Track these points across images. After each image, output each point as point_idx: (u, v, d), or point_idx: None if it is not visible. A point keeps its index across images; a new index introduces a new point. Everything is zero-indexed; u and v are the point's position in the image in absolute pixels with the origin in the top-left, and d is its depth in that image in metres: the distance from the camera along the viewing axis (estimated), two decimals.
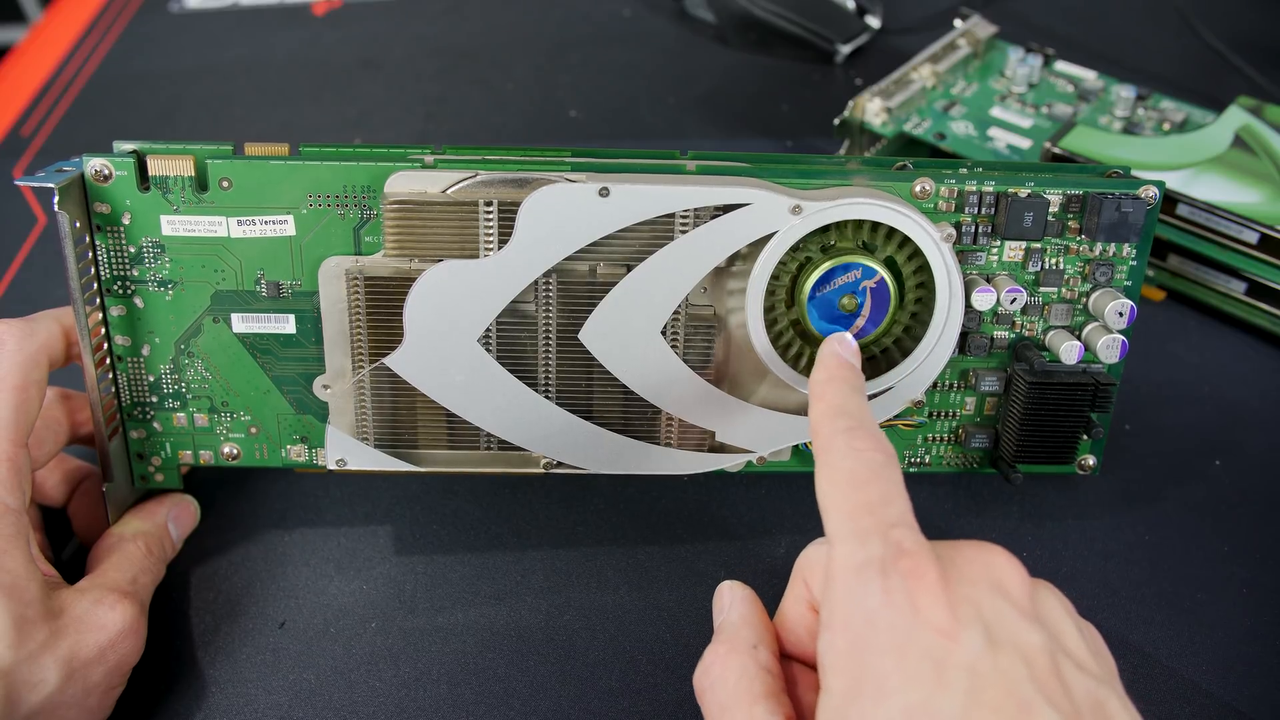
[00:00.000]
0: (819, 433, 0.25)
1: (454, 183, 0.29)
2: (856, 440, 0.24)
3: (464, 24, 0.64)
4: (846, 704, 0.20)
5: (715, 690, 0.24)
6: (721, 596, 0.27)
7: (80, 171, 0.29)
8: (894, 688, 0.20)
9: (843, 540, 0.22)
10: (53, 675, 0.27)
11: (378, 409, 0.32)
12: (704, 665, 0.25)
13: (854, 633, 0.21)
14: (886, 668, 0.20)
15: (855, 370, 0.27)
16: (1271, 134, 0.43)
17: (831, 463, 0.23)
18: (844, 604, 0.21)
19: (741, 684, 0.24)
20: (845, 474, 0.23)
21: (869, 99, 0.46)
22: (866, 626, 0.20)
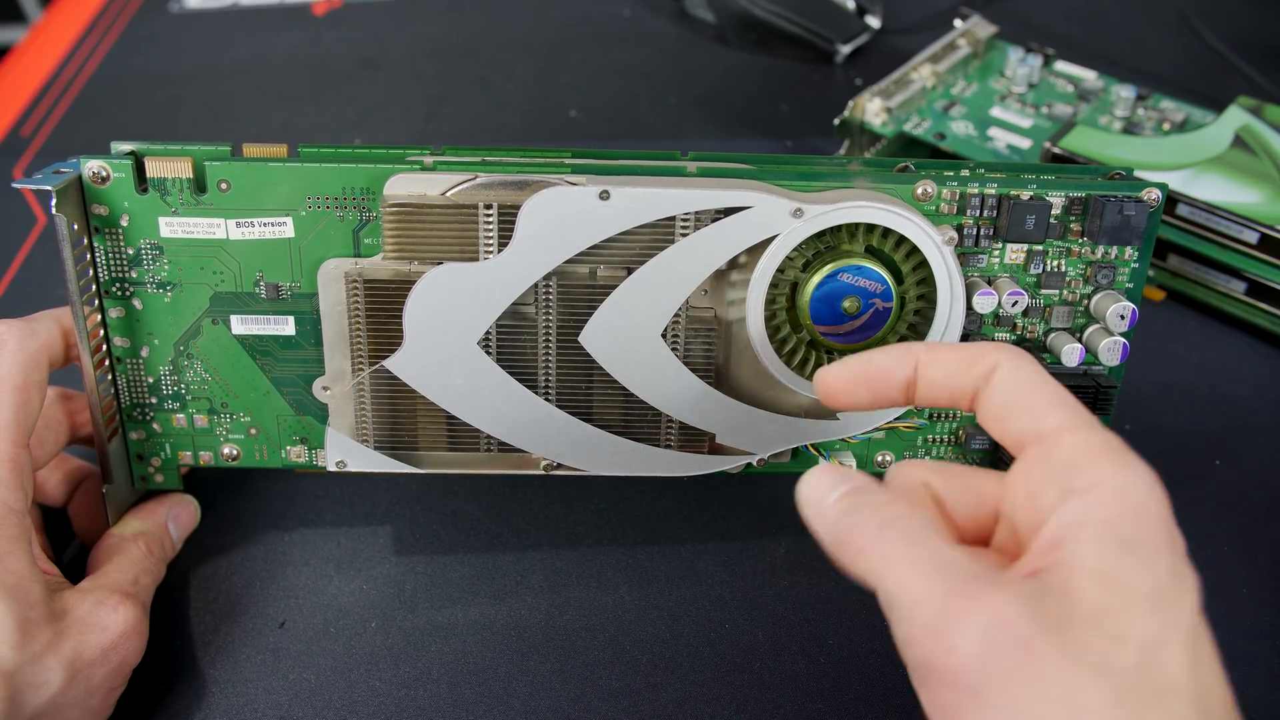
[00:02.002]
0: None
1: (453, 185, 0.29)
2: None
3: (464, 24, 0.64)
4: (1121, 557, 0.20)
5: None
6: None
7: (78, 173, 0.29)
8: (1165, 552, 0.21)
9: (1086, 426, 0.22)
10: (56, 676, 0.27)
11: (377, 411, 0.32)
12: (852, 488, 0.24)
13: (1134, 502, 0.21)
14: (1164, 538, 0.21)
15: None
16: (1271, 134, 0.43)
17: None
18: (1114, 476, 0.21)
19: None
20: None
21: (869, 99, 0.46)
22: (1149, 498, 0.21)
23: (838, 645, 0.32)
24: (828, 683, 0.31)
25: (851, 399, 0.26)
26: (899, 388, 0.25)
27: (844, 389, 0.26)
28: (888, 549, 0.22)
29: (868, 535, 0.22)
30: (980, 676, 0.19)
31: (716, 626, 0.32)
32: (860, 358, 0.26)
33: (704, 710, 0.30)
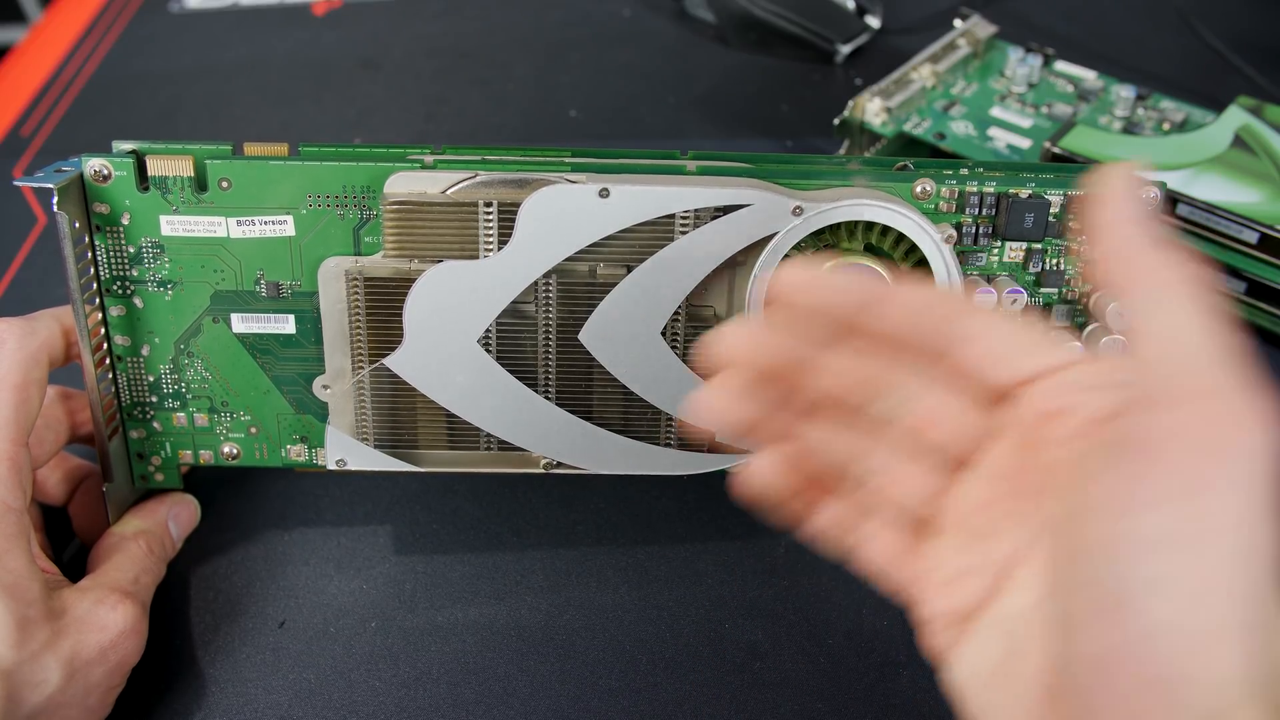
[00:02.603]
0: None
1: (454, 183, 0.29)
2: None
3: (464, 24, 0.64)
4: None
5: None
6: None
7: (79, 172, 0.29)
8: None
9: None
10: (54, 675, 0.27)
11: (377, 409, 0.32)
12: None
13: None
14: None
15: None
16: (1271, 134, 0.43)
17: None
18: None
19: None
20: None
21: (869, 99, 0.46)
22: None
23: (838, 645, 0.32)
24: (828, 683, 0.31)
25: (798, 303, 0.24)
26: (850, 309, 0.24)
27: (793, 291, 0.24)
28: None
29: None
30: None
31: (716, 626, 0.32)
32: (823, 270, 0.24)
33: (704, 710, 0.30)
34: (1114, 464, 0.20)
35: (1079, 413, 0.23)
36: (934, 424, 0.25)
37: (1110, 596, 0.19)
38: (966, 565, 0.25)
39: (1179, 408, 0.19)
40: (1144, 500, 0.19)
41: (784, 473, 0.26)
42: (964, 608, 0.25)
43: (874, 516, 0.27)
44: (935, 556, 0.25)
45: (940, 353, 0.24)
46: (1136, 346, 0.21)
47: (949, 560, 0.25)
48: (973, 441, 0.25)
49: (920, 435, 0.26)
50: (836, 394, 0.25)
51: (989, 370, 0.24)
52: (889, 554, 0.26)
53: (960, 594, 0.25)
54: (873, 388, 0.25)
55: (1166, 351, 0.20)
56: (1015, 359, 0.24)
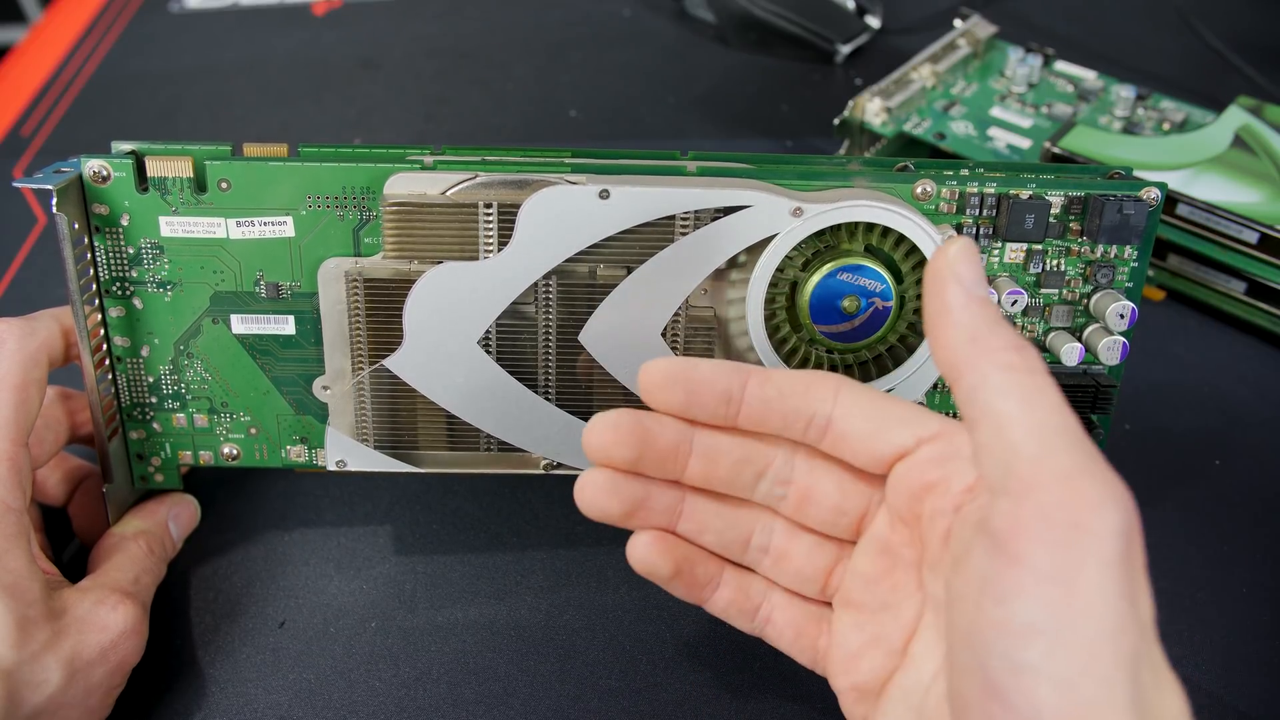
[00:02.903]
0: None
1: (453, 184, 0.29)
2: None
3: (464, 24, 0.64)
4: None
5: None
6: None
7: (78, 173, 0.29)
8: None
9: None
10: (55, 675, 0.27)
11: (377, 410, 0.32)
12: None
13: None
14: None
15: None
16: (1271, 134, 0.43)
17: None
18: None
19: None
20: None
21: (869, 99, 0.46)
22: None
23: None
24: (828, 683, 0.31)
25: (667, 396, 0.25)
26: (719, 397, 0.25)
27: (661, 384, 0.25)
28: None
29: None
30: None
31: (716, 626, 0.32)
32: (688, 360, 0.25)
33: (704, 710, 0.30)
34: (980, 552, 0.20)
35: (951, 485, 0.24)
36: (812, 502, 0.26)
37: (992, 682, 0.19)
38: (865, 640, 0.26)
39: (1034, 494, 0.20)
40: (1011, 589, 0.19)
41: (664, 550, 0.27)
42: (869, 683, 0.26)
43: (772, 593, 0.28)
44: (837, 632, 0.27)
45: (807, 435, 0.25)
46: (982, 431, 0.21)
47: (849, 636, 0.26)
48: (854, 517, 0.26)
49: (803, 511, 0.26)
50: (717, 476, 0.26)
51: (858, 449, 0.25)
52: (794, 631, 0.27)
53: (864, 668, 0.26)
54: (751, 469, 0.26)
55: (1013, 437, 0.20)
56: (882, 436, 0.25)
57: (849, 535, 0.26)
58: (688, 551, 0.27)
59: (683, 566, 0.27)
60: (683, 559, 0.27)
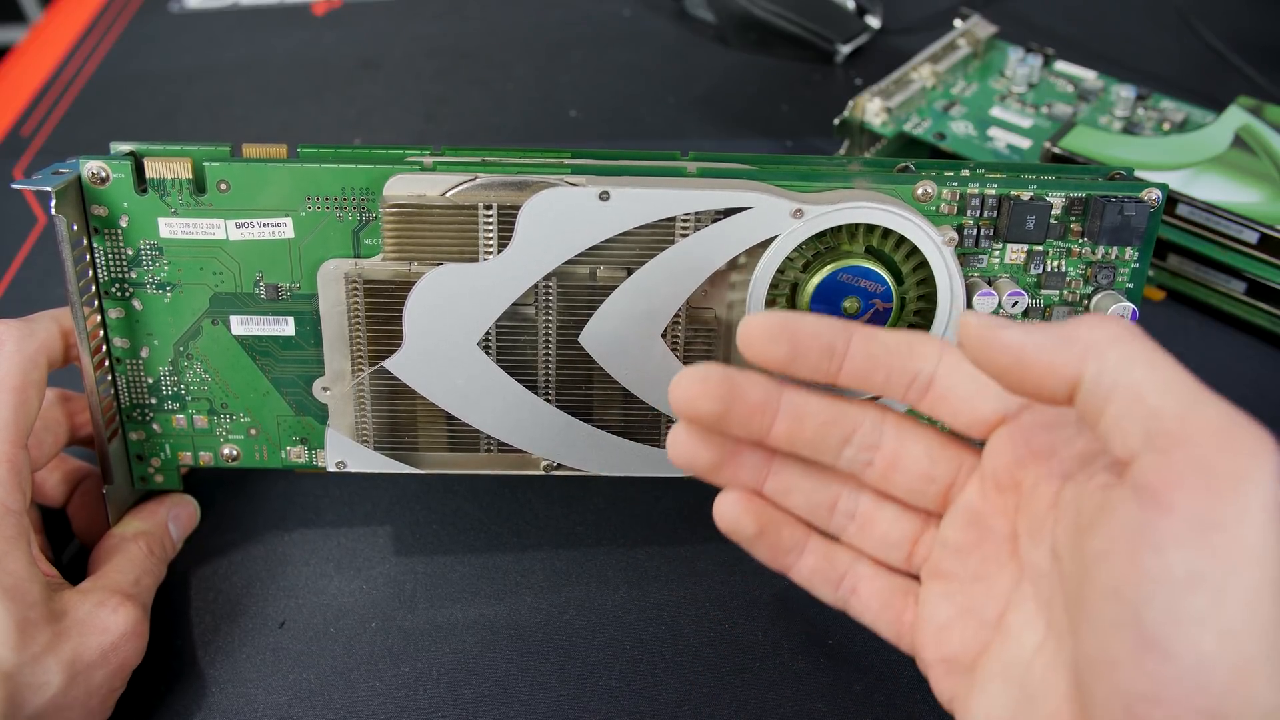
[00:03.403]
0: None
1: (453, 186, 0.29)
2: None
3: (464, 24, 0.64)
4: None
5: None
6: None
7: (77, 174, 0.29)
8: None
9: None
10: (55, 678, 0.27)
11: (377, 411, 0.32)
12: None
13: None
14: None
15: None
16: (1271, 134, 0.43)
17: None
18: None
19: None
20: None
21: (869, 99, 0.46)
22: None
23: (838, 645, 0.32)
24: (828, 683, 0.31)
25: (771, 350, 0.24)
26: (823, 351, 0.24)
27: (765, 337, 0.24)
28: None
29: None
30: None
31: (716, 626, 0.32)
32: (792, 313, 0.25)
33: (704, 710, 0.30)
34: (1128, 507, 0.20)
35: (1059, 451, 0.23)
36: (899, 469, 0.26)
37: (1150, 635, 0.19)
38: (955, 611, 0.25)
39: (1185, 447, 0.19)
40: (1168, 540, 0.19)
41: (751, 511, 0.27)
42: (961, 656, 0.25)
43: (857, 564, 0.27)
44: (925, 604, 0.26)
45: (908, 394, 0.25)
46: (1115, 407, 0.21)
47: (938, 608, 0.26)
48: (942, 485, 0.26)
49: (889, 479, 0.26)
50: (802, 437, 0.26)
51: (959, 409, 0.25)
52: (879, 602, 0.27)
53: (955, 641, 0.25)
54: (838, 432, 0.26)
55: (1152, 401, 0.20)
56: (986, 398, 0.24)
57: (936, 505, 0.26)
58: (773, 514, 0.27)
59: (767, 528, 0.27)
60: (768, 521, 0.27)
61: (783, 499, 0.27)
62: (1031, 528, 0.24)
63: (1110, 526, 0.20)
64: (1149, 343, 0.21)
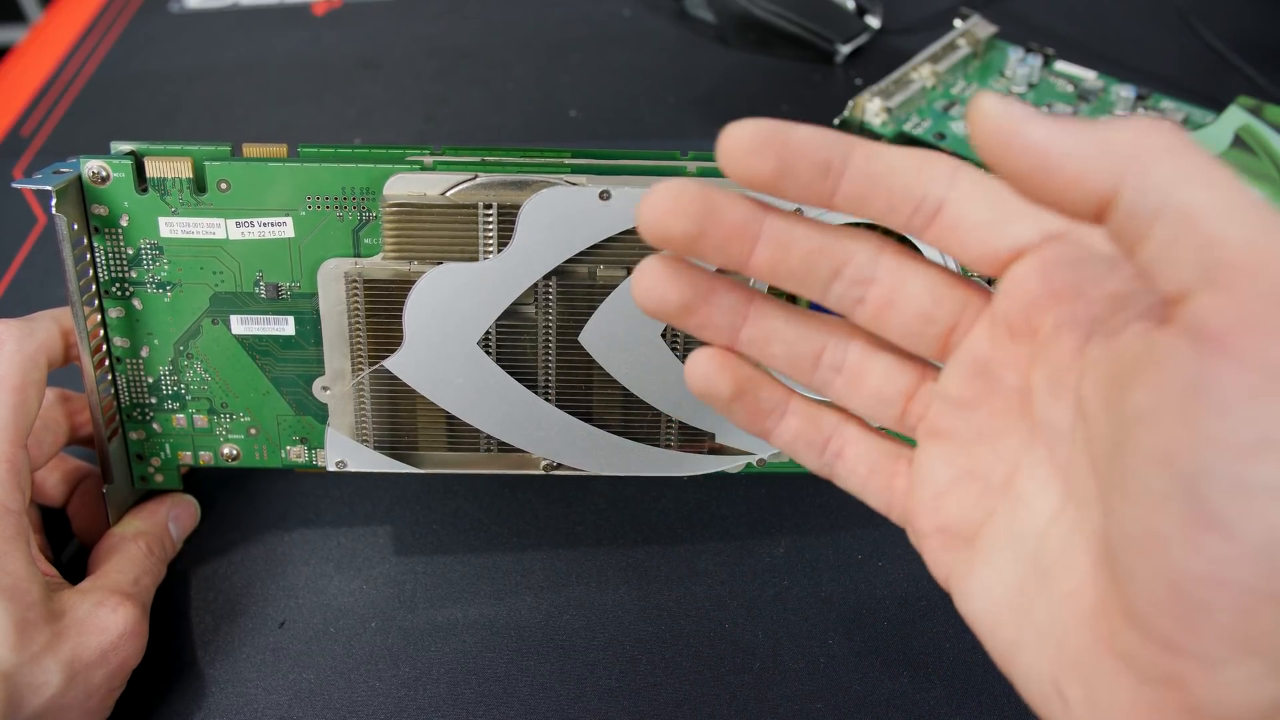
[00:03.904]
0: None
1: (453, 185, 0.29)
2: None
3: (464, 24, 0.64)
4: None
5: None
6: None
7: (77, 173, 0.29)
8: None
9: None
10: (54, 678, 0.27)
11: (377, 411, 0.32)
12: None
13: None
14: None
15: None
16: (1271, 134, 0.43)
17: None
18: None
19: None
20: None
21: (869, 99, 0.46)
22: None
23: (838, 645, 0.32)
24: (828, 683, 0.31)
25: (753, 162, 0.21)
26: (817, 167, 0.21)
27: (748, 147, 0.20)
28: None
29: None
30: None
31: (716, 626, 0.32)
32: (783, 122, 0.21)
33: (704, 710, 0.30)
34: (1183, 357, 0.17)
35: (1086, 290, 0.20)
36: (895, 307, 0.22)
37: (1208, 509, 0.16)
38: (955, 474, 0.23)
39: (1257, 282, 0.16)
40: (1232, 395, 0.16)
41: (728, 369, 0.24)
42: (961, 526, 0.22)
43: (844, 427, 0.24)
44: (921, 466, 0.23)
45: (912, 222, 0.21)
46: (1162, 232, 0.17)
47: (935, 470, 0.23)
48: (943, 327, 0.22)
49: (883, 318, 0.23)
50: (787, 266, 0.22)
51: (970, 240, 0.21)
52: (867, 466, 0.24)
53: (953, 508, 0.22)
54: (827, 262, 0.23)
55: (1211, 226, 0.16)
56: (1001, 227, 0.21)
57: (934, 352, 0.23)
58: (751, 373, 0.24)
59: (745, 387, 0.24)
60: (745, 379, 0.24)
61: (761, 349, 0.24)
62: (1050, 380, 0.21)
63: (1159, 379, 0.17)
64: (1206, 155, 0.17)
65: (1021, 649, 0.21)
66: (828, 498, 0.36)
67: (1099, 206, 0.18)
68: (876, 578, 0.34)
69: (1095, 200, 0.18)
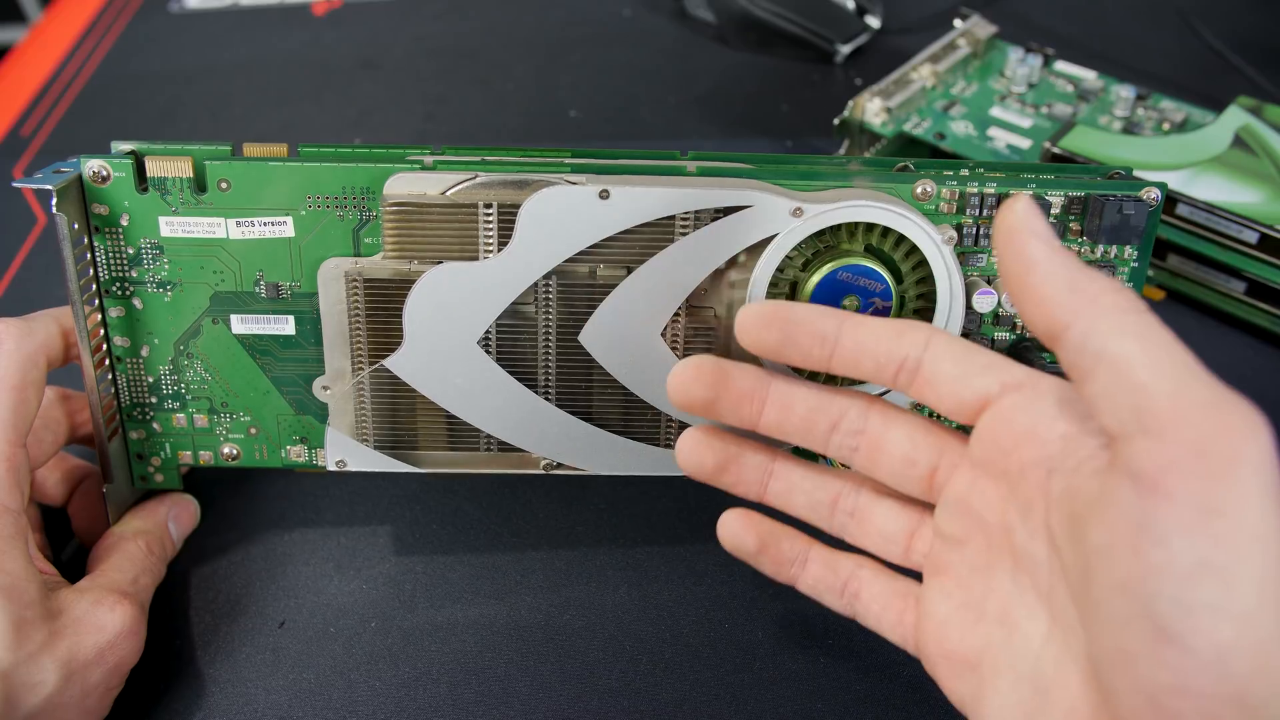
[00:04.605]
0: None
1: (453, 184, 0.29)
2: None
3: (464, 24, 0.64)
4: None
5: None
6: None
7: (78, 173, 0.29)
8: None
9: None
10: (51, 676, 0.27)
11: (377, 410, 0.32)
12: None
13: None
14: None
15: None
16: (1271, 134, 0.43)
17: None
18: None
19: None
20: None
21: (869, 99, 0.46)
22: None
23: (838, 645, 0.32)
24: (828, 683, 0.31)
25: (763, 335, 0.26)
26: (815, 338, 0.25)
27: (758, 324, 0.26)
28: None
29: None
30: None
31: (716, 626, 0.32)
32: (785, 302, 0.26)
33: (704, 710, 0.30)
34: (1126, 496, 0.19)
35: (1042, 433, 0.23)
36: (883, 451, 0.26)
37: (1164, 628, 0.19)
38: (954, 606, 0.25)
39: (1178, 430, 0.19)
40: (1170, 529, 0.19)
41: (752, 527, 0.28)
42: (964, 653, 0.25)
43: (860, 570, 0.28)
44: (926, 601, 0.26)
45: (898, 379, 0.25)
46: (1101, 378, 0.20)
47: (937, 604, 0.26)
48: (924, 468, 0.26)
49: (875, 462, 0.27)
50: (790, 423, 0.27)
51: (944, 393, 0.25)
52: (881, 604, 0.27)
53: (955, 637, 0.25)
54: (825, 418, 0.27)
55: (1140, 376, 0.20)
56: (968, 381, 0.24)
57: (921, 491, 0.26)
58: (773, 528, 0.28)
59: (768, 541, 0.28)
60: (768, 534, 0.28)
61: (785, 499, 0.28)
62: (1023, 516, 0.23)
63: (1110, 518, 0.20)
64: (1149, 318, 0.20)
65: None
66: None
67: (1050, 331, 0.21)
68: None
69: (1048, 325, 0.21)
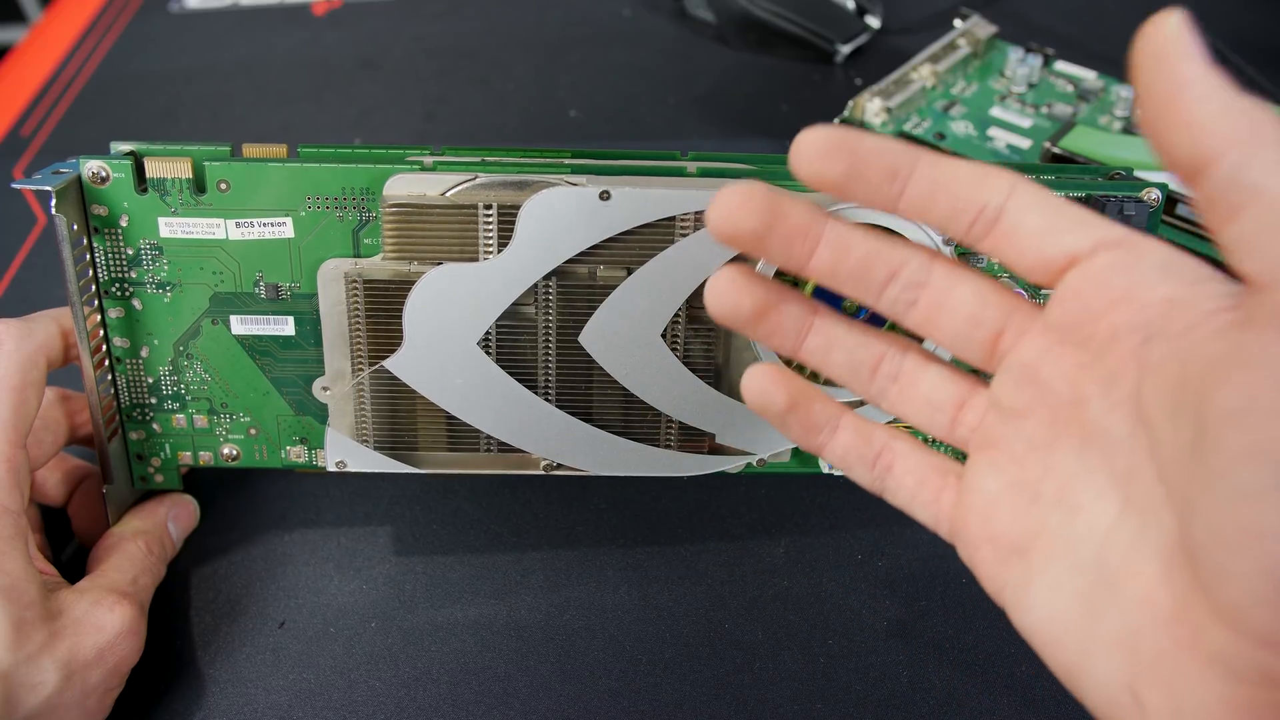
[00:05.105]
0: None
1: (453, 185, 0.29)
2: None
3: (464, 24, 0.64)
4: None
5: None
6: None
7: (77, 174, 0.29)
8: None
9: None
10: (51, 677, 0.27)
11: (377, 411, 0.32)
12: None
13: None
14: None
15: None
16: None
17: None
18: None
19: None
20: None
21: (869, 99, 0.46)
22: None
23: (838, 645, 0.32)
24: (828, 683, 0.31)
25: (825, 165, 0.22)
26: (885, 172, 0.22)
27: (821, 151, 0.22)
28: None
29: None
30: None
31: (716, 626, 0.32)
32: (854, 130, 0.22)
33: (704, 710, 0.30)
34: (1269, 351, 0.17)
35: (1141, 297, 0.20)
36: (945, 309, 0.23)
37: None
38: (1005, 484, 0.23)
39: None
40: None
41: (782, 382, 0.25)
42: (1013, 536, 0.22)
43: (895, 441, 0.25)
44: (971, 478, 0.24)
45: (972, 229, 0.22)
46: (1251, 217, 0.18)
47: (985, 480, 0.23)
48: (990, 330, 0.23)
49: (933, 321, 0.24)
50: (845, 267, 0.23)
51: (1027, 247, 0.22)
52: (915, 479, 0.25)
53: (1005, 518, 0.23)
54: (884, 265, 0.23)
55: None
56: (1056, 235, 0.21)
57: (982, 357, 0.23)
58: (805, 387, 0.25)
59: (799, 400, 0.25)
60: (799, 392, 0.25)
61: (823, 357, 0.25)
62: (1105, 387, 0.21)
63: (1246, 378, 0.17)
64: None
65: (1090, 658, 0.21)
66: (828, 498, 0.36)
67: (1195, 162, 0.19)
68: (877, 578, 0.34)
69: (1193, 153, 0.19)
